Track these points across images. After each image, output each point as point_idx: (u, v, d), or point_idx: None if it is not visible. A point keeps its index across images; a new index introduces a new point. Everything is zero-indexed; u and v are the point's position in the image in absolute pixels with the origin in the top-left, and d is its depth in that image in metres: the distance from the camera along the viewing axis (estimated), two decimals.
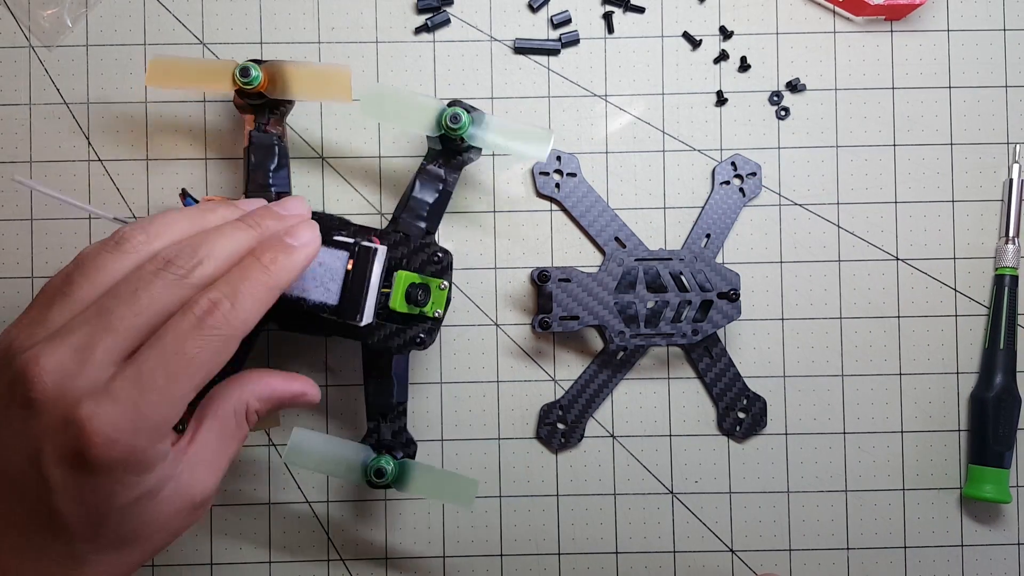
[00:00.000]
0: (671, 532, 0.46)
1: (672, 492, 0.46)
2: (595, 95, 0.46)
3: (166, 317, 0.29)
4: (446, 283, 0.39)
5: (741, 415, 0.46)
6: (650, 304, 0.44)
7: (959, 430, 0.46)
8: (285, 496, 0.45)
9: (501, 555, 0.45)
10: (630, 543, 0.46)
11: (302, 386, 0.35)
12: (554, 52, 0.46)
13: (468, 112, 0.40)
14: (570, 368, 0.46)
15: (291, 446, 0.39)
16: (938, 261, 0.46)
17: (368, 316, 0.36)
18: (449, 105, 0.40)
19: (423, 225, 0.41)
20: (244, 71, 0.39)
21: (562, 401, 0.45)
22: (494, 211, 0.46)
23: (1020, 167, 0.46)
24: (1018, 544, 0.46)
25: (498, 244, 0.46)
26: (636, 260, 0.44)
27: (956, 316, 0.46)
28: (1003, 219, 0.46)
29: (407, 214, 0.41)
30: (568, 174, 0.46)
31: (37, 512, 0.29)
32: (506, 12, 0.46)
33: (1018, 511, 0.46)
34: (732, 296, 0.43)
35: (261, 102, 0.41)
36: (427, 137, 0.41)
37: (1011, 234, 0.46)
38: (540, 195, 0.46)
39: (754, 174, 0.46)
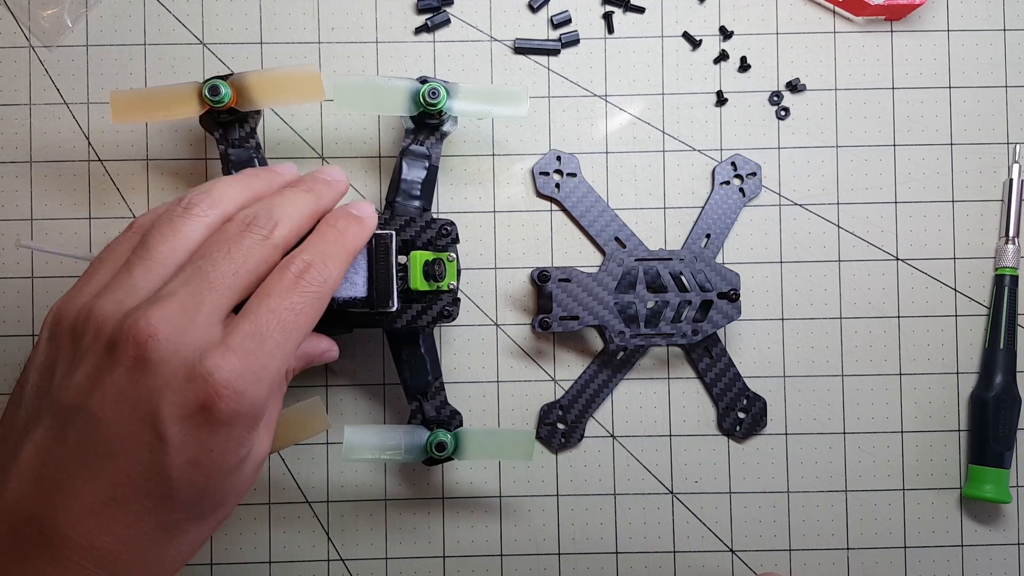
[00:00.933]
0: (671, 532, 0.46)
1: (672, 492, 0.46)
2: (595, 95, 0.46)
3: (258, 277, 0.31)
4: (453, 255, 0.40)
5: (741, 415, 0.46)
6: (650, 304, 0.44)
7: (959, 430, 0.46)
8: (285, 496, 0.45)
9: (501, 555, 0.45)
10: (630, 543, 0.46)
11: (328, 344, 0.38)
12: (554, 52, 0.46)
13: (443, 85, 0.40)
14: (570, 368, 0.46)
15: (347, 443, 0.40)
16: (938, 261, 0.46)
17: (396, 300, 0.38)
18: (420, 82, 0.40)
19: (419, 204, 0.41)
20: (213, 89, 0.39)
21: (562, 401, 0.45)
22: (494, 211, 0.46)
23: (1020, 167, 0.46)
24: (1018, 544, 0.46)
25: (498, 244, 0.46)
26: (636, 260, 0.44)
27: (956, 316, 0.46)
28: (1003, 219, 0.46)
29: (401, 197, 0.41)
30: (568, 174, 0.46)
31: (142, 479, 0.29)
32: (506, 12, 0.46)
33: (1018, 511, 0.46)
34: (732, 296, 0.43)
35: (232, 118, 0.41)
36: (401, 118, 0.42)
37: (1011, 234, 0.46)
38: (540, 195, 0.46)
39: (754, 174, 0.46)
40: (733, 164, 0.46)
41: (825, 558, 0.46)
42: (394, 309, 0.38)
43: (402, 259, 0.39)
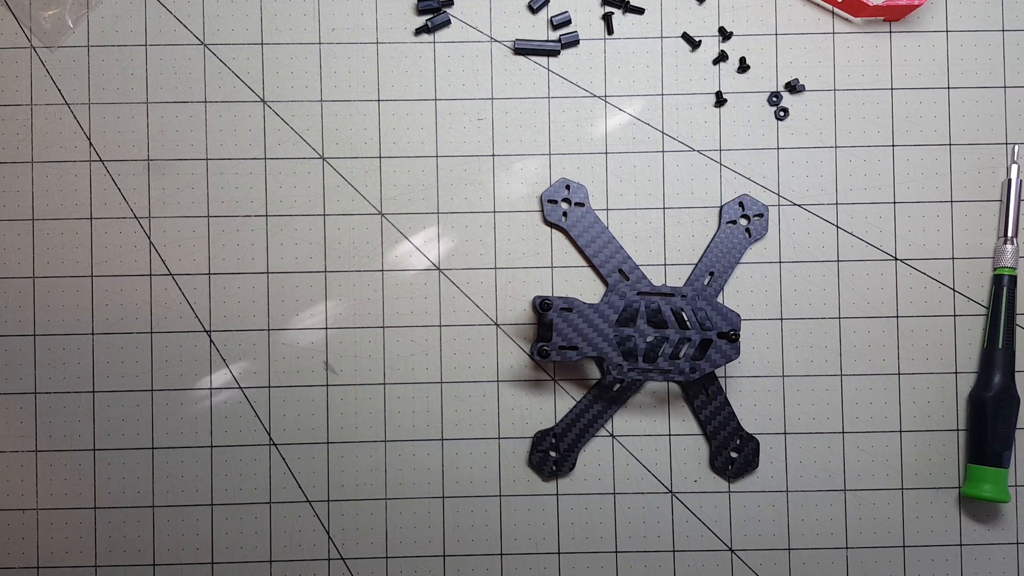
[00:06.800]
0: (671, 531, 0.46)
1: (672, 491, 0.46)
2: (595, 96, 0.47)
3: None
4: None
5: (733, 455, 0.45)
6: (649, 339, 0.44)
7: (958, 429, 0.46)
8: (285, 496, 0.45)
9: (501, 554, 0.46)
10: (630, 542, 0.46)
11: None
12: (554, 53, 0.46)
13: None
14: (569, 368, 0.46)
15: None
16: (937, 261, 0.46)
17: None
18: None
19: None
20: None
21: (556, 429, 0.45)
22: (494, 211, 0.46)
23: (1018, 167, 0.46)
24: (1017, 543, 0.46)
25: (498, 244, 0.46)
26: (638, 294, 0.44)
27: (955, 316, 0.46)
28: (1001, 219, 0.46)
29: None
30: (576, 203, 0.46)
31: None
32: (506, 13, 0.46)
33: (1017, 510, 0.46)
34: (732, 336, 0.43)
35: None
36: None
37: (1009, 234, 0.46)
38: (547, 223, 0.46)
39: (761, 215, 0.46)
40: (741, 204, 0.46)
41: (824, 557, 0.46)
42: None
43: None
